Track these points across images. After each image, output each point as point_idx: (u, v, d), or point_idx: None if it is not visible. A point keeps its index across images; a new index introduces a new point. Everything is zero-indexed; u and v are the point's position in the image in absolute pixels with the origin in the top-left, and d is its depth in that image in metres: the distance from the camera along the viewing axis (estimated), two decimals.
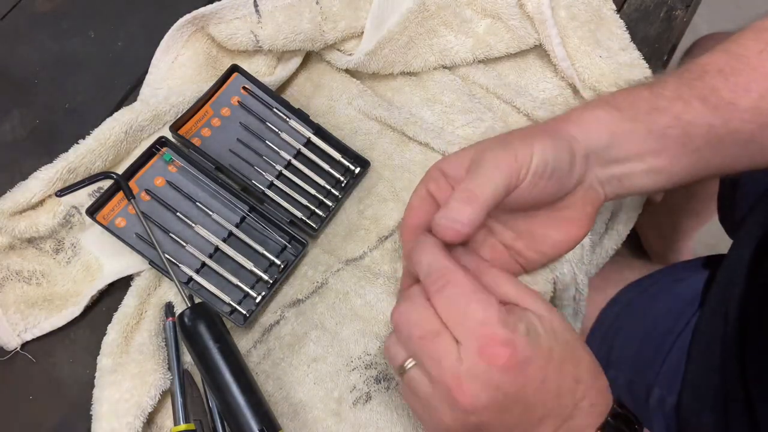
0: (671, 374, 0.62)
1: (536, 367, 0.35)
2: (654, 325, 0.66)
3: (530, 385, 0.35)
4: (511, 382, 0.34)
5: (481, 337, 0.34)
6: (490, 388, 0.34)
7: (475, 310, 0.35)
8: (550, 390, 0.35)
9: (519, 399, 0.35)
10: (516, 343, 0.34)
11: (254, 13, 0.53)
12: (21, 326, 0.47)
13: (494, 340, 0.34)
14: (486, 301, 0.35)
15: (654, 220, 1.10)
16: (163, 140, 0.51)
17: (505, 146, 0.40)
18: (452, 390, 0.34)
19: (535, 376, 0.35)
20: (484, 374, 0.34)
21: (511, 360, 0.34)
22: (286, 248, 0.51)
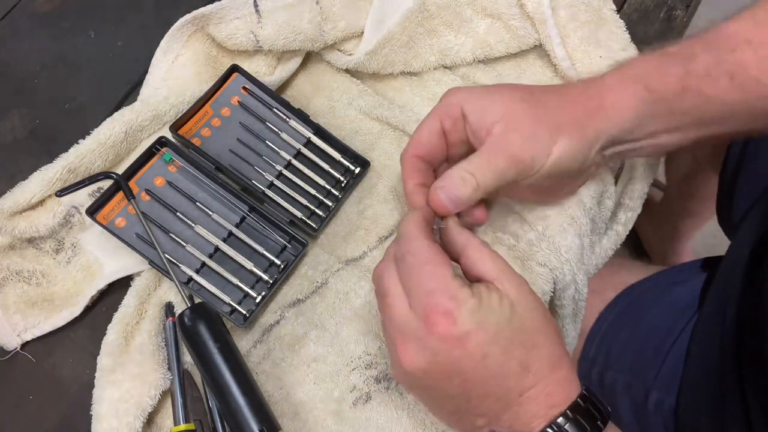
0: (669, 376, 0.62)
1: (476, 342, 0.36)
2: (652, 327, 0.66)
3: (468, 359, 0.36)
4: (447, 351, 0.36)
5: (426, 305, 0.36)
6: (427, 352, 0.36)
7: (427, 280, 0.37)
8: (491, 368, 0.36)
9: (457, 370, 0.36)
10: (456, 315, 0.36)
11: (254, 13, 0.53)
12: (21, 326, 0.48)
13: (436, 309, 0.36)
14: (438, 273, 0.37)
15: (654, 221, 1.10)
16: (163, 140, 0.51)
17: (530, 137, 0.41)
18: (397, 347, 0.37)
19: (474, 351, 0.36)
20: (423, 339, 0.36)
21: (448, 330, 0.36)
22: (286, 248, 0.51)
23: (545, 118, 0.42)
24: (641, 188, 0.57)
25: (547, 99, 0.42)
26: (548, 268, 0.49)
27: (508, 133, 0.41)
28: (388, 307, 0.38)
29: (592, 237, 0.54)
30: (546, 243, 0.50)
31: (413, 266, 0.38)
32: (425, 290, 0.37)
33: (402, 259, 0.39)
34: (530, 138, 0.41)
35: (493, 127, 0.41)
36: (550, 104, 0.42)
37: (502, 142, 0.41)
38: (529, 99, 0.42)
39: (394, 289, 0.38)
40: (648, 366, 0.64)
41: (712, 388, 0.57)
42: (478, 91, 0.43)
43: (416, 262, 0.38)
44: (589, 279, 0.56)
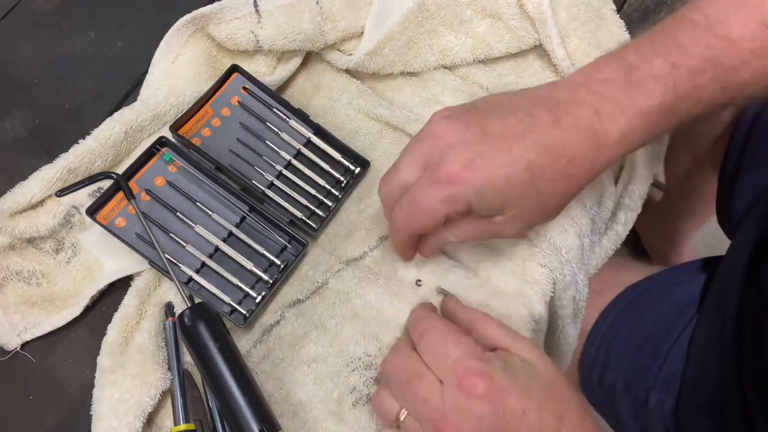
0: (669, 377, 0.62)
1: (514, 398, 0.36)
2: (652, 328, 0.66)
3: (511, 416, 0.36)
4: (491, 412, 0.36)
5: (458, 372, 0.37)
6: (472, 418, 0.36)
7: (452, 350, 0.38)
8: (531, 424, 0.36)
9: (502, 430, 0.36)
10: (492, 374, 0.37)
11: (254, 13, 0.53)
12: (21, 326, 0.48)
13: (470, 372, 0.37)
14: (461, 341, 0.39)
15: (653, 221, 1.10)
16: (163, 140, 0.51)
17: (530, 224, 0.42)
18: (438, 424, 0.36)
19: (515, 408, 0.36)
20: (465, 407, 0.36)
21: (488, 389, 0.36)
22: (286, 248, 0.51)
23: (551, 209, 0.43)
24: (641, 188, 0.57)
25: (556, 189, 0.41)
26: (548, 269, 0.49)
27: (510, 226, 0.42)
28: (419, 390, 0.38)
29: (592, 237, 0.54)
30: (546, 244, 0.50)
31: (436, 340, 0.39)
32: (453, 359, 0.38)
33: (422, 338, 0.40)
34: (529, 228, 0.43)
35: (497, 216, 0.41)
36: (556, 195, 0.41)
37: (499, 228, 0.42)
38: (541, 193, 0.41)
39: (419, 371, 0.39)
40: (648, 366, 0.64)
41: (713, 389, 0.57)
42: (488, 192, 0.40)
43: (438, 335, 0.39)
44: (589, 279, 0.56)
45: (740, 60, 0.40)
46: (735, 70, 0.40)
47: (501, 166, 0.39)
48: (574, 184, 0.41)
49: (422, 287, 0.49)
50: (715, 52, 0.40)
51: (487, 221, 0.42)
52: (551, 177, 0.40)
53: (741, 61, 0.40)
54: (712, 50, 0.40)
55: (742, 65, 0.40)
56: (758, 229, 0.58)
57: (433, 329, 0.40)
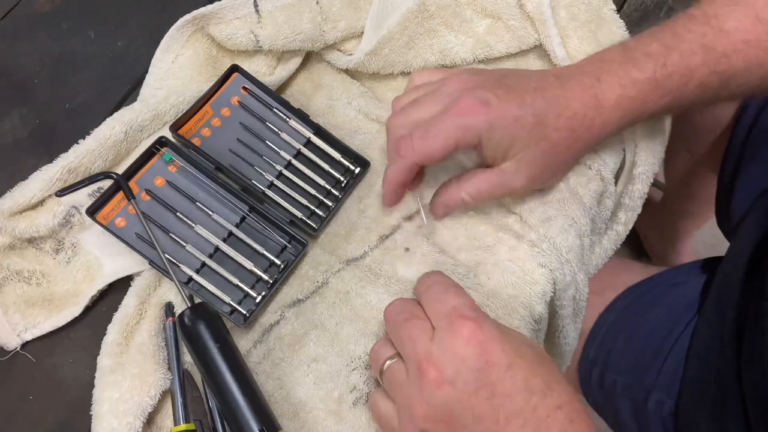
0: (669, 378, 0.62)
1: (501, 350, 0.36)
2: (652, 328, 0.66)
3: (495, 368, 0.36)
4: (475, 358, 0.36)
5: (451, 317, 0.37)
6: (455, 359, 0.36)
7: (451, 299, 0.39)
8: (516, 381, 0.36)
9: (483, 380, 0.36)
10: (482, 321, 0.37)
11: (254, 13, 0.53)
12: (21, 326, 0.48)
13: (462, 316, 0.37)
14: (462, 294, 0.40)
15: (653, 221, 1.10)
16: (163, 140, 0.51)
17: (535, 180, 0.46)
18: (422, 364, 0.37)
19: (500, 360, 0.36)
20: (450, 347, 0.36)
21: (475, 333, 0.36)
22: (286, 248, 0.51)
23: (552, 163, 0.46)
24: (641, 188, 0.57)
25: (559, 140, 0.45)
26: (549, 269, 0.49)
27: (517, 173, 0.46)
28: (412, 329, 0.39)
29: (592, 237, 0.54)
30: (547, 244, 0.50)
31: (439, 291, 0.40)
32: (451, 306, 0.38)
33: (427, 290, 0.41)
34: (534, 181, 0.47)
35: (504, 160, 0.45)
36: (560, 147, 0.45)
37: (508, 179, 0.46)
38: (545, 140, 0.45)
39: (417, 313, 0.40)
40: (648, 367, 0.64)
41: (712, 390, 0.57)
42: (499, 127, 0.44)
43: (443, 287, 0.40)
44: (589, 280, 0.56)
45: (732, 48, 0.43)
46: (727, 56, 0.43)
47: (512, 107, 0.44)
48: (576, 140, 0.45)
49: None
50: (707, 39, 0.43)
51: (496, 172, 0.46)
52: (555, 127, 0.44)
53: (733, 50, 0.43)
54: (705, 37, 0.43)
55: (734, 53, 0.43)
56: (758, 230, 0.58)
57: (439, 283, 0.41)
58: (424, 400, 0.36)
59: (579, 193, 0.52)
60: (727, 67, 0.44)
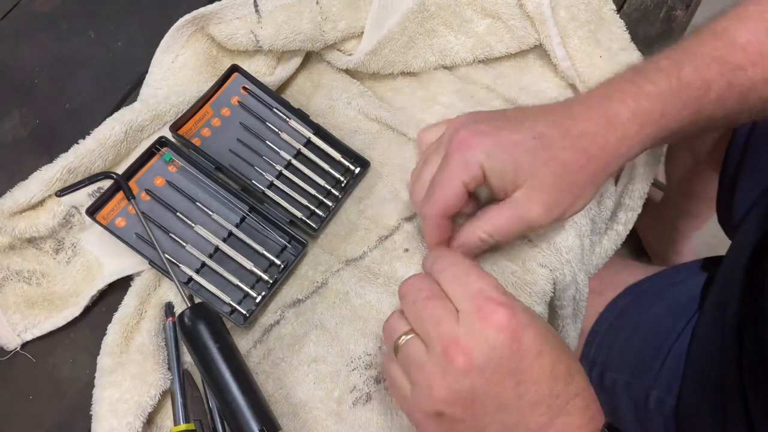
0: (670, 376, 0.62)
1: (532, 337, 0.35)
2: (653, 327, 0.66)
3: (526, 354, 0.35)
4: (507, 344, 0.34)
5: (479, 300, 0.35)
6: (485, 346, 0.34)
7: (475, 280, 0.36)
8: (544, 368, 0.35)
9: (513, 368, 0.35)
10: (514, 306, 0.35)
11: (254, 13, 0.53)
12: (21, 326, 0.48)
13: (492, 301, 0.35)
14: (485, 275, 0.37)
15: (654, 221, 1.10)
16: (163, 140, 0.51)
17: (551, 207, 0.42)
18: (449, 348, 0.34)
19: (531, 346, 0.35)
20: (480, 333, 0.34)
21: (508, 320, 0.34)
22: (286, 248, 0.51)
23: (567, 186, 0.43)
24: (641, 188, 0.57)
25: (570, 159, 0.42)
26: (549, 269, 0.49)
27: (531, 202, 0.42)
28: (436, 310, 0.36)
29: (592, 237, 0.54)
30: (546, 244, 0.50)
31: (460, 272, 0.37)
32: (476, 288, 0.36)
33: (444, 271, 0.38)
34: (552, 208, 0.43)
35: (515, 190, 0.42)
36: (572, 166, 0.42)
37: (523, 209, 0.42)
38: (553, 161, 0.42)
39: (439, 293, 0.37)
40: (648, 366, 0.64)
41: (713, 388, 0.57)
42: (498, 153, 0.42)
43: (463, 269, 0.38)
44: (589, 279, 0.56)
45: (748, 61, 0.42)
46: (743, 68, 0.42)
47: (509, 133, 0.42)
48: (589, 159, 0.42)
49: None
50: (720, 53, 0.42)
51: (509, 203, 0.43)
52: (562, 146, 0.42)
53: (749, 62, 0.42)
54: (718, 51, 0.42)
55: (750, 65, 0.42)
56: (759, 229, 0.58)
57: (458, 263, 0.38)
58: (446, 384, 0.35)
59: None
60: (744, 80, 0.42)
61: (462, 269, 0.38)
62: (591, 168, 0.42)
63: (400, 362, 0.38)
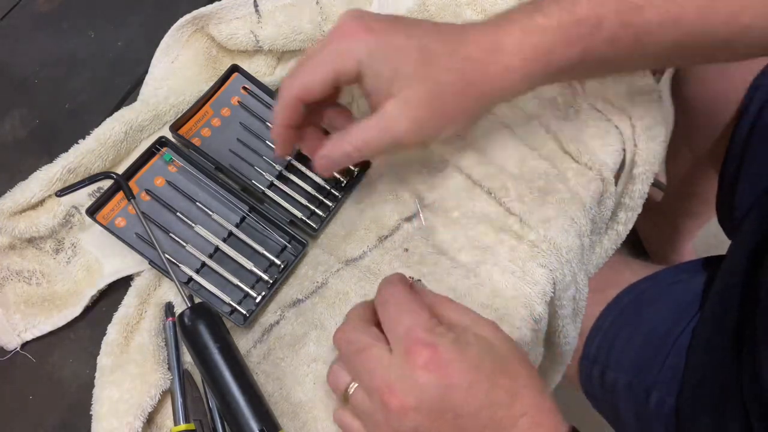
0: (670, 376, 0.62)
1: (459, 370, 0.36)
2: (653, 327, 0.66)
3: (456, 390, 0.36)
4: (435, 384, 0.36)
5: (406, 340, 0.37)
6: (415, 388, 0.36)
7: (406, 318, 0.38)
8: (479, 398, 0.36)
9: (446, 403, 0.36)
10: (437, 345, 0.37)
11: (254, 13, 0.53)
12: (21, 326, 0.48)
13: (417, 342, 0.37)
14: (416, 312, 0.39)
15: (654, 221, 1.10)
16: (163, 140, 0.51)
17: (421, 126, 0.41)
18: (384, 395, 0.37)
19: (460, 381, 0.36)
20: (409, 375, 0.36)
21: (431, 359, 0.36)
22: (286, 248, 0.51)
23: (440, 108, 0.41)
24: (641, 188, 0.57)
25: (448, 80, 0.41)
26: (548, 269, 0.49)
27: (401, 118, 0.41)
28: (368, 360, 0.38)
29: (592, 237, 0.54)
30: (547, 244, 0.50)
31: (395, 309, 0.39)
32: (405, 327, 0.38)
33: (384, 304, 0.40)
34: (421, 126, 0.42)
35: (387, 100, 0.41)
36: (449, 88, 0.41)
37: (393, 123, 0.41)
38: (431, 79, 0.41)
39: (369, 341, 0.39)
40: (649, 365, 0.64)
41: (713, 388, 0.57)
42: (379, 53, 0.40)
43: (397, 304, 0.40)
44: (589, 278, 0.56)
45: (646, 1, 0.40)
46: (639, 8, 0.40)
47: (398, 37, 0.40)
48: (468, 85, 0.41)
49: None
50: None
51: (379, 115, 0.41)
52: (446, 67, 0.40)
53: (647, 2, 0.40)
54: None
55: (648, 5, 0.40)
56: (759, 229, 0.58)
57: (394, 297, 0.40)
58: (392, 428, 0.37)
59: (579, 193, 0.52)
60: (640, 20, 0.41)
61: (396, 307, 0.39)
62: (468, 94, 0.41)
63: (351, 410, 0.40)
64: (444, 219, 0.51)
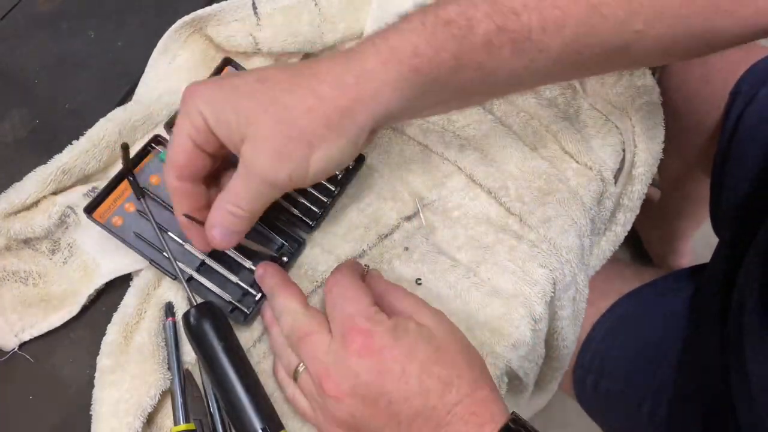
0: (662, 386, 0.62)
1: (392, 357, 0.37)
2: (647, 337, 0.66)
3: (388, 374, 0.37)
4: (367, 369, 0.37)
5: (344, 326, 0.39)
6: (350, 374, 0.37)
7: (347, 305, 0.40)
8: (411, 385, 0.37)
9: (380, 390, 0.37)
10: (373, 332, 0.38)
11: (253, 15, 0.53)
12: (18, 326, 0.47)
13: (353, 328, 0.38)
14: (358, 300, 0.40)
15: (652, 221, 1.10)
16: (158, 138, 0.50)
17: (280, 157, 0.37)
18: (322, 380, 0.38)
19: (392, 367, 0.37)
20: (343, 362, 0.38)
21: (365, 345, 0.37)
22: (283, 246, 0.50)
23: (294, 131, 0.37)
24: (640, 189, 0.57)
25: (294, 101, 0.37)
26: (549, 270, 0.50)
27: (257, 156, 0.38)
28: (310, 346, 0.40)
29: (591, 237, 0.54)
30: (547, 245, 0.50)
31: (338, 296, 0.41)
32: (346, 314, 0.39)
33: (329, 291, 0.42)
34: (281, 157, 0.37)
35: (241, 146, 0.38)
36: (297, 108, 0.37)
37: (253, 165, 0.38)
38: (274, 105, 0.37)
39: (311, 328, 0.40)
40: (642, 375, 0.65)
41: (704, 399, 0.57)
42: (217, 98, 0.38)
43: (342, 292, 0.41)
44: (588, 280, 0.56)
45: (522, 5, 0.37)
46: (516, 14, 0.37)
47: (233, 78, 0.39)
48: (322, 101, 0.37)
49: (422, 286, 0.49)
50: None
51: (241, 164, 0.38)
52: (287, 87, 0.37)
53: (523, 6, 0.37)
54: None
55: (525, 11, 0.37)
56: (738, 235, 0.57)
57: (339, 284, 0.42)
58: (330, 413, 0.39)
59: (579, 193, 0.52)
60: (517, 25, 0.37)
61: (340, 292, 0.41)
62: (322, 111, 0.37)
63: (300, 388, 0.42)
64: (444, 218, 0.51)
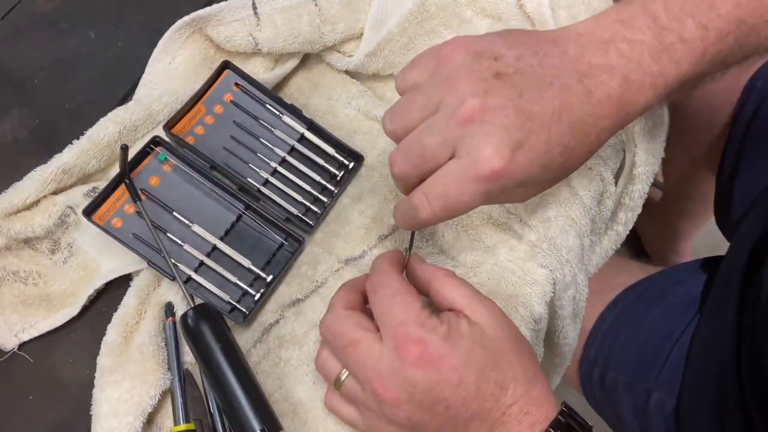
0: (671, 378, 0.62)
1: (450, 366, 0.37)
2: (653, 328, 0.66)
3: (446, 384, 0.37)
4: (425, 379, 0.37)
5: (397, 336, 0.37)
6: (406, 383, 0.37)
7: (398, 311, 0.38)
8: (468, 391, 0.37)
9: (438, 397, 0.37)
10: (428, 342, 0.37)
11: (253, 15, 0.53)
12: (18, 326, 0.47)
13: (408, 338, 0.37)
14: (408, 304, 0.39)
15: (653, 221, 1.10)
16: (157, 140, 0.50)
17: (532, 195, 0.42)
18: (377, 387, 0.37)
19: (450, 376, 0.37)
20: (399, 371, 0.37)
21: (421, 357, 0.37)
22: (283, 245, 0.50)
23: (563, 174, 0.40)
24: (641, 188, 0.57)
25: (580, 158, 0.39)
26: (549, 269, 0.50)
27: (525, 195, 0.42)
28: (358, 355, 0.39)
29: (592, 237, 0.54)
30: (547, 244, 0.50)
31: (386, 298, 0.39)
32: (397, 321, 0.38)
33: (374, 291, 0.40)
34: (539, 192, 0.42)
35: None
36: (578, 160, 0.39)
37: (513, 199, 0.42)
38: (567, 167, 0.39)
39: (356, 336, 0.39)
40: (649, 367, 0.64)
41: (714, 389, 0.57)
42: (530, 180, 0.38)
43: (389, 293, 0.39)
44: (589, 279, 0.56)
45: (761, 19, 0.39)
46: (756, 29, 0.39)
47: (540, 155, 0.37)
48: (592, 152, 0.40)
49: None
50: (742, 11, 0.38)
51: None
52: (580, 155, 0.39)
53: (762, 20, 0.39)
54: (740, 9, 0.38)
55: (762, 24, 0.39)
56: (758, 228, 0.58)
57: (386, 285, 0.40)
58: (386, 419, 0.38)
59: (579, 193, 0.52)
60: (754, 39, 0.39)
61: (389, 294, 0.39)
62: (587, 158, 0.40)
63: (344, 396, 0.41)
64: None
